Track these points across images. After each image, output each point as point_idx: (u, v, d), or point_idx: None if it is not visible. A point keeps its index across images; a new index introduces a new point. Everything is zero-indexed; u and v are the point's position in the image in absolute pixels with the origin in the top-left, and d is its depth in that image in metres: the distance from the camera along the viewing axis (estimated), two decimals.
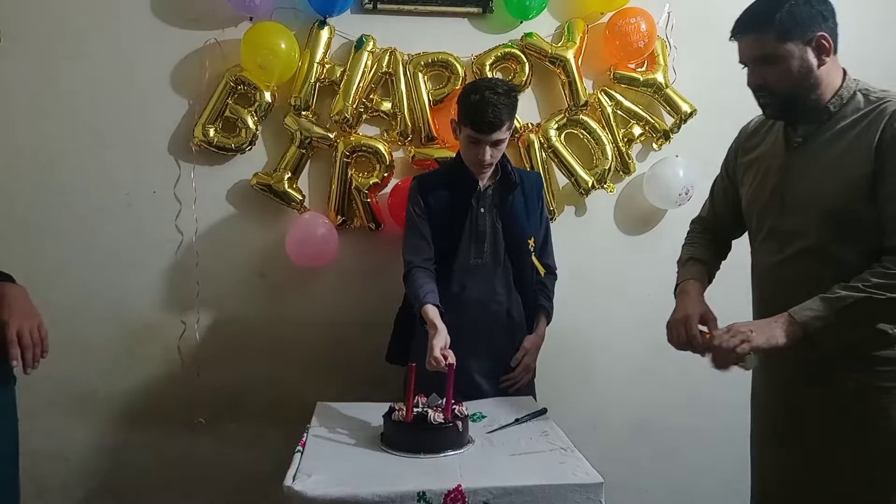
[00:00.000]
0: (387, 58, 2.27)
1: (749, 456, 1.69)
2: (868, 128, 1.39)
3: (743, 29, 1.44)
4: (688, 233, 1.81)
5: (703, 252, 1.71)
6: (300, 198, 2.30)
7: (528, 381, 2.04)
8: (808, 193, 1.44)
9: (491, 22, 2.35)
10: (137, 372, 2.35)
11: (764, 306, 1.54)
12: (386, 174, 2.30)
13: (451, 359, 1.65)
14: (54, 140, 2.25)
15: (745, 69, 1.47)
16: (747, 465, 1.70)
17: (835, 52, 1.42)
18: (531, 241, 2.02)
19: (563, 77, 2.33)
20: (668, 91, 2.37)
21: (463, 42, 2.32)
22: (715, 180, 1.77)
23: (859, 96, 1.44)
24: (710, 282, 1.68)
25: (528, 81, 2.33)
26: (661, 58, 2.38)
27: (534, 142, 2.34)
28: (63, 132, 2.25)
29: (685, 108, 2.37)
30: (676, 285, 1.66)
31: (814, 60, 1.40)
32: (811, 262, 1.44)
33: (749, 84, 1.47)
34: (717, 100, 2.35)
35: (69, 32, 2.22)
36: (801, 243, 1.45)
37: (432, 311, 1.79)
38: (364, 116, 2.31)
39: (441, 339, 1.71)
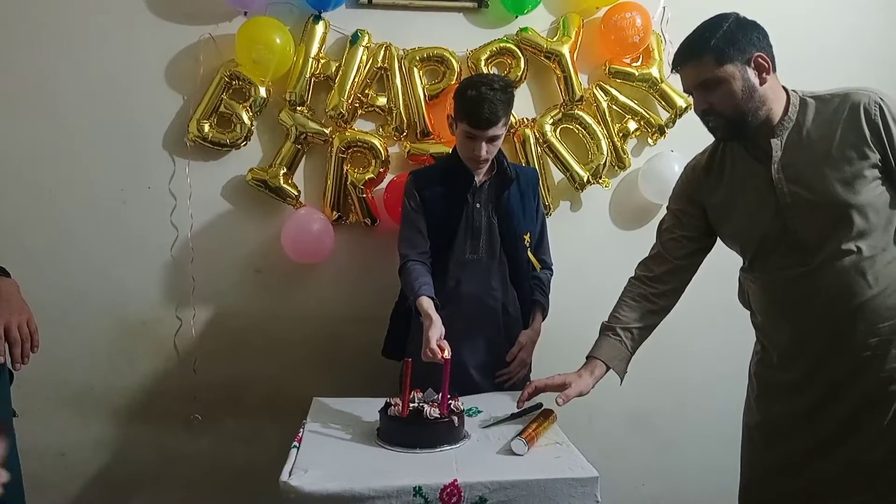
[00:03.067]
0: (382, 53, 2.27)
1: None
2: (849, 123, 1.43)
3: (682, 59, 1.48)
4: (628, 281, 1.74)
5: (634, 316, 1.67)
6: (296, 193, 2.30)
7: (524, 375, 2.04)
8: (818, 198, 1.44)
9: (486, 17, 2.35)
10: (133, 368, 2.34)
11: (791, 317, 1.53)
12: (381, 169, 2.30)
13: (448, 352, 1.66)
14: (47, 136, 2.24)
15: (691, 97, 1.51)
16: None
17: (774, 70, 1.47)
18: (527, 237, 2.02)
19: (558, 72, 2.33)
20: (664, 86, 2.37)
21: (458, 37, 2.32)
22: (661, 227, 1.73)
23: (810, 101, 1.49)
24: (639, 345, 1.67)
25: (523, 76, 2.33)
26: (656, 52, 2.38)
27: (529, 137, 2.34)
28: (56, 128, 2.24)
29: (680, 102, 2.37)
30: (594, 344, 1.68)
31: (755, 80, 1.44)
32: (843, 262, 1.44)
33: (696, 110, 1.52)
34: None
35: (61, 27, 2.21)
36: (827, 248, 1.45)
37: (427, 303, 1.79)
38: (359, 112, 2.31)
39: (436, 331, 1.71)
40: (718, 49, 1.42)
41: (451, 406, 1.58)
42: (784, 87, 1.51)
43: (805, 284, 1.48)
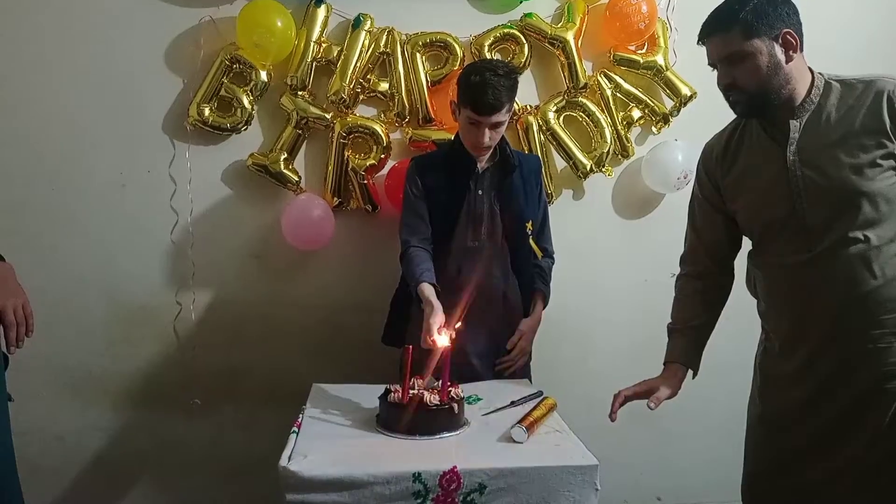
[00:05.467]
0: (384, 37, 2.24)
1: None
2: (871, 109, 1.40)
3: (710, 30, 1.46)
4: (677, 279, 1.74)
5: (692, 313, 1.67)
6: (296, 179, 2.29)
7: (524, 364, 2.04)
8: (829, 183, 1.42)
9: (490, 2, 2.33)
10: (133, 353, 2.34)
11: (793, 304, 1.52)
12: (383, 156, 2.28)
13: (447, 341, 1.65)
14: (47, 121, 2.22)
15: (715, 71, 1.49)
16: (742, 447, 1.71)
17: (801, 48, 1.44)
18: (529, 225, 2.01)
19: (562, 59, 2.30)
20: (668, 74, 2.35)
21: (461, 22, 2.29)
22: (692, 212, 1.72)
23: (835, 84, 1.46)
24: (706, 337, 1.68)
25: (527, 63, 2.31)
26: (661, 40, 2.36)
27: (532, 124, 2.32)
28: (55, 112, 2.22)
29: (685, 91, 2.35)
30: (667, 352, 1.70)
31: (782, 56, 1.42)
32: (849, 250, 1.42)
33: (719, 84, 1.49)
34: None
35: (59, 10, 2.19)
36: (833, 235, 1.43)
37: (428, 290, 1.78)
38: (361, 97, 2.29)
39: (437, 318, 1.71)
40: (747, 22, 1.39)
41: (451, 393, 1.57)
42: (810, 69, 1.48)
43: (809, 271, 1.46)
